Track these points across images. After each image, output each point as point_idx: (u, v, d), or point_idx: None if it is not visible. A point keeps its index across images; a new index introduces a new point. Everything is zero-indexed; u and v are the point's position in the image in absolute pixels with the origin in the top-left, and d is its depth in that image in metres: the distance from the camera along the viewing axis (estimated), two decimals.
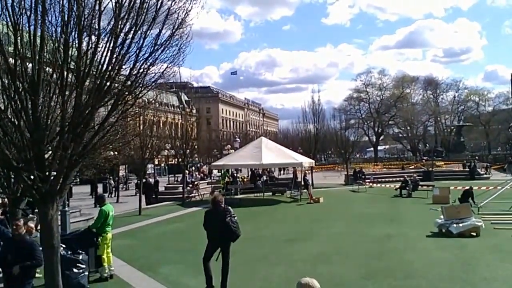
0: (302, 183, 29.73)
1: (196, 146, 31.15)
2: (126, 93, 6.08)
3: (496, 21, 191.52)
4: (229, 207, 8.80)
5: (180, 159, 28.43)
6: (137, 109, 8.36)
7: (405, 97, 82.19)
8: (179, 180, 36.94)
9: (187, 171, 30.78)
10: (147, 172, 36.76)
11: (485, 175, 41.71)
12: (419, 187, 27.85)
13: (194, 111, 49.90)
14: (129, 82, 5.99)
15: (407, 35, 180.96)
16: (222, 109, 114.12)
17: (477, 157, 62.69)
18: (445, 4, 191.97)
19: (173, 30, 6.02)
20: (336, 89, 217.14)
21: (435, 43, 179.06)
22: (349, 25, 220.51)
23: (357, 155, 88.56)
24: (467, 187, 21.62)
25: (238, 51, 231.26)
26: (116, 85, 5.91)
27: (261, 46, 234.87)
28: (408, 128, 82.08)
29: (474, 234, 13.77)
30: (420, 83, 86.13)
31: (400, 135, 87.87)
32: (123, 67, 5.86)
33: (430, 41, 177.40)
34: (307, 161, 29.53)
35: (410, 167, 49.11)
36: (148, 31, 5.91)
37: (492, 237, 13.62)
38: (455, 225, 14.04)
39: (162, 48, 5.97)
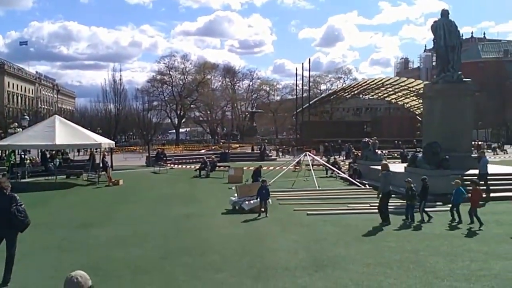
0: (101, 165, 28.48)
1: None
2: None
3: (284, 20, 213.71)
4: (15, 195, 7.92)
5: None
6: None
7: (206, 82, 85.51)
8: None
9: None
10: None
11: (272, 156, 46.47)
12: (217, 168, 29.51)
13: None
14: None
15: (207, 23, 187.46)
16: (8, 83, 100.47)
17: (266, 141, 69.28)
18: None
19: None
20: (139, 69, 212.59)
21: (233, 34, 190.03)
22: (151, 6, 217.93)
23: (159, 137, 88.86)
24: (257, 167, 23.87)
25: (29, 20, 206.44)
26: None
27: (55, 17, 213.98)
28: (208, 112, 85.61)
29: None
30: (220, 70, 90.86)
31: (201, 118, 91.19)
32: None
33: (228, 31, 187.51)
34: (106, 142, 28.40)
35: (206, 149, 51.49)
36: None
37: (277, 212, 15.31)
38: (247, 202, 15.43)
39: None
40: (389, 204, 13.72)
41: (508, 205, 14.15)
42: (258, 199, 15.24)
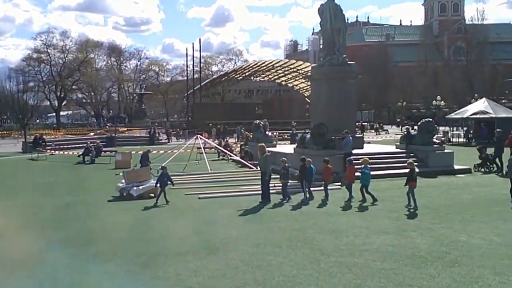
0: None
1: None
2: None
3: None
4: None
5: None
6: None
7: (89, 62, 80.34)
8: None
9: None
10: None
11: (163, 140, 45.37)
12: (102, 153, 28.06)
13: None
14: None
15: None
16: None
17: (156, 123, 67.56)
18: None
19: None
20: (13, 47, 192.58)
21: (117, 11, 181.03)
22: None
23: (38, 121, 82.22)
24: (145, 151, 23.05)
25: None
26: None
27: None
28: (92, 94, 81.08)
29: (152, 195, 14.74)
30: (104, 49, 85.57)
31: (84, 100, 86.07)
32: None
33: (111, 7, 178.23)
34: None
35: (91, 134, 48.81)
36: None
37: (168, 196, 14.77)
38: (135, 188, 14.84)
39: None
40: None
41: (388, 182, 15.34)
42: (148, 184, 14.83)
